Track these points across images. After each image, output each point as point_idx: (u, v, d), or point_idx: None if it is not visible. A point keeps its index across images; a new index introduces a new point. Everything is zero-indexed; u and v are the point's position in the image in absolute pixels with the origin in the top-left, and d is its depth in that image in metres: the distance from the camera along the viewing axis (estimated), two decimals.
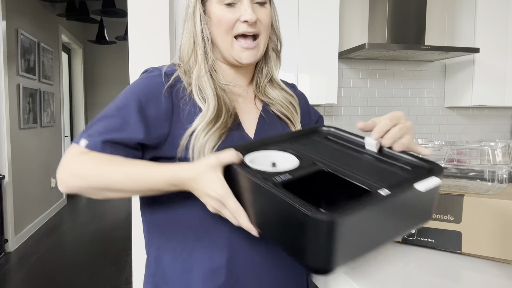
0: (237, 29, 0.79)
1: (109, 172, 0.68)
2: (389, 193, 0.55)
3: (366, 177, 0.60)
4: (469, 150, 1.02)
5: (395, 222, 0.59)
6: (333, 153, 0.71)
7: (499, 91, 3.13)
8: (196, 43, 0.81)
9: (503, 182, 0.96)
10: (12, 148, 3.64)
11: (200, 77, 0.80)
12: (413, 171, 0.63)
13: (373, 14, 2.95)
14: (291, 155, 0.70)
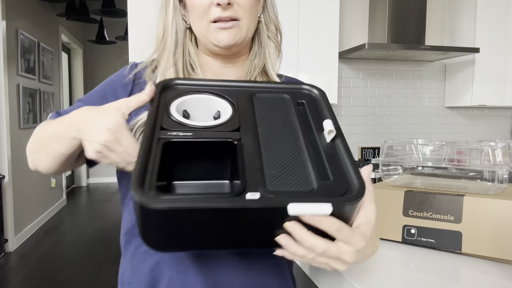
0: (212, 14, 0.72)
1: (41, 130, 0.69)
2: (251, 200, 0.44)
3: (268, 168, 0.49)
4: (469, 150, 1.02)
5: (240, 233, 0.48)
6: (279, 124, 0.57)
7: (499, 91, 3.13)
8: (165, 35, 0.76)
9: (503, 182, 0.96)
10: (12, 148, 3.64)
11: (165, 71, 0.73)
12: (329, 184, 0.49)
13: (373, 14, 2.95)
14: (228, 105, 0.59)
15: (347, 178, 0.50)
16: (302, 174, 0.50)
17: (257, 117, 0.58)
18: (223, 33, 0.72)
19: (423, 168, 1.10)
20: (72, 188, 6.42)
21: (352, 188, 0.48)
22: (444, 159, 1.03)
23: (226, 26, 0.72)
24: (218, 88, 0.61)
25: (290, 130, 0.57)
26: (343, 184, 0.49)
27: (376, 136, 3.24)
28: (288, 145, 0.54)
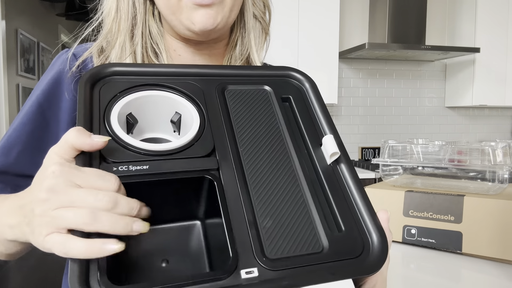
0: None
1: None
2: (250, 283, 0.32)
3: (262, 218, 0.36)
4: (470, 150, 1.02)
5: None
6: (265, 137, 0.42)
7: (500, 91, 3.13)
8: (119, 10, 0.55)
9: (504, 182, 0.96)
10: None
11: (121, 60, 0.54)
12: (341, 239, 0.37)
13: (374, 14, 2.95)
14: (197, 116, 0.41)
15: (363, 227, 0.38)
16: (305, 226, 0.37)
17: (235, 128, 0.41)
18: (200, 12, 0.52)
19: (423, 168, 1.10)
20: None
21: (370, 247, 0.37)
22: (444, 159, 1.03)
23: (204, 2, 0.51)
24: (175, 79, 0.43)
25: (279, 146, 0.41)
26: (359, 239, 0.37)
27: (376, 136, 3.24)
28: (281, 175, 0.39)
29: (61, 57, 0.56)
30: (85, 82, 0.39)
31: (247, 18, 0.61)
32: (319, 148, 0.43)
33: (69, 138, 0.33)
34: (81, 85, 0.39)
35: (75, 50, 0.56)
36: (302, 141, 0.44)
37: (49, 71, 0.56)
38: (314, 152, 0.42)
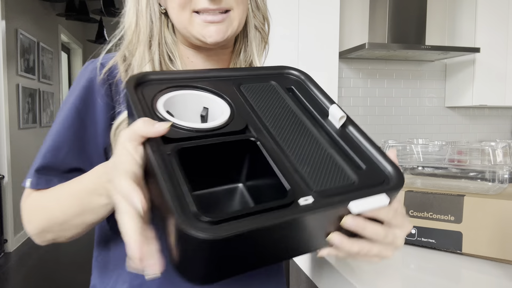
0: (197, 4, 0.59)
1: (43, 204, 0.58)
2: (309, 206, 0.40)
3: (301, 166, 0.45)
4: (470, 150, 1.02)
5: (299, 239, 0.43)
6: (282, 115, 0.52)
7: (500, 91, 3.13)
8: (138, 23, 0.62)
9: (504, 182, 0.96)
10: (11, 148, 3.64)
11: (141, 67, 0.61)
12: (366, 173, 0.46)
13: (374, 13, 2.95)
14: (225, 105, 0.51)
15: (378, 165, 0.48)
16: (335, 167, 0.46)
17: (258, 111, 0.51)
18: (210, 28, 0.59)
19: (423, 168, 1.10)
20: None
21: (389, 175, 0.46)
22: (444, 159, 1.03)
23: (215, 19, 0.59)
24: (198, 80, 0.53)
25: (296, 120, 0.52)
26: (378, 171, 0.47)
27: (376, 136, 3.24)
28: (304, 138, 0.49)
29: (89, 67, 0.63)
30: (132, 85, 0.48)
31: (249, 29, 0.68)
32: (327, 119, 0.53)
33: (138, 128, 0.40)
34: (129, 87, 0.47)
35: (102, 60, 0.63)
36: (311, 115, 0.54)
37: (80, 79, 0.63)
38: (324, 121, 0.52)
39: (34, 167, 0.61)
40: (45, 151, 0.61)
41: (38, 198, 0.59)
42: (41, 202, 0.58)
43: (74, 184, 0.54)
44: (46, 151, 0.61)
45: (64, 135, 0.61)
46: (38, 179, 0.60)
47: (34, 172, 0.61)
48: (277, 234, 0.40)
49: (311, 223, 0.41)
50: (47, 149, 0.61)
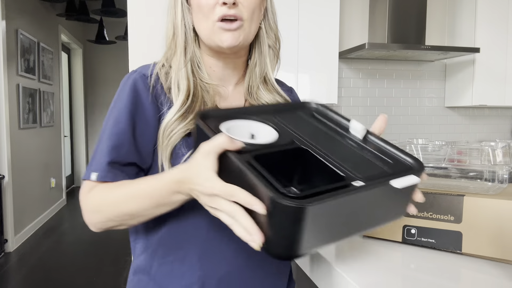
0: (217, 13, 0.73)
1: (116, 198, 0.67)
2: (362, 185, 0.53)
3: (344, 163, 0.58)
4: (470, 150, 1.02)
5: (364, 216, 0.56)
6: (315, 132, 0.67)
7: (500, 91, 3.13)
8: (175, 34, 0.77)
9: (504, 182, 0.96)
10: (11, 148, 3.64)
11: (178, 70, 0.75)
12: (394, 165, 0.60)
13: (373, 14, 2.95)
14: (270, 128, 0.66)
15: (401, 159, 0.62)
16: (368, 163, 0.60)
17: (295, 131, 0.66)
18: (227, 34, 0.74)
19: None
20: (72, 188, 6.42)
21: (412, 164, 0.61)
22: (444, 159, 1.03)
23: (230, 27, 0.74)
24: (245, 113, 0.70)
25: (326, 135, 0.67)
26: (403, 163, 0.61)
27: None
28: (337, 146, 0.64)
29: (131, 76, 0.76)
30: (199, 118, 0.64)
31: (263, 46, 0.83)
32: (349, 132, 0.68)
33: (223, 142, 0.54)
34: (198, 119, 0.63)
35: (144, 71, 0.76)
36: (336, 131, 0.69)
37: (124, 88, 0.75)
38: (347, 134, 0.68)
39: (100, 162, 0.71)
40: (108, 149, 0.71)
41: (106, 191, 0.68)
42: (111, 195, 0.67)
43: (153, 182, 0.64)
44: (110, 149, 0.71)
45: (123, 134, 0.72)
46: (106, 173, 0.70)
47: (103, 167, 0.70)
48: (342, 210, 0.52)
49: (365, 199, 0.54)
50: (110, 147, 0.71)
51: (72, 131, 6.41)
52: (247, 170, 0.51)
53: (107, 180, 0.70)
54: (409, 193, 0.60)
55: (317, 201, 0.47)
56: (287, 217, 0.47)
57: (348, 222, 0.54)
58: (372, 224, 0.59)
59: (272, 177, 0.51)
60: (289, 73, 2.73)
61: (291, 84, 1.11)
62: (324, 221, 0.50)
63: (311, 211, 0.47)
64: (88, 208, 0.69)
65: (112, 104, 0.75)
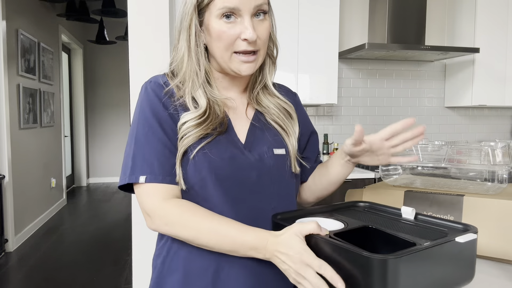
0: (238, 47, 0.78)
1: (196, 225, 0.74)
2: (433, 242, 0.62)
3: (408, 235, 0.68)
4: (469, 150, 1.02)
5: (440, 275, 0.64)
6: (375, 220, 0.79)
7: (499, 91, 3.13)
8: (190, 56, 0.81)
9: (503, 182, 0.96)
10: (12, 148, 3.64)
11: (194, 91, 0.82)
12: (450, 230, 0.71)
13: (373, 14, 2.95)
14: (337, 221, 0.78)
15: (454, 226, 0.74)
16: (428, 232, 0.72)
17: (358, 220, 0.79)
18: (245, 66, 0.80)
19: (423, 168, 1.10)
20: (72, 188, 6.42)
21: (465, 226, 0.72)
22: (444, 159, 1.03)
23: (249, 60, 0.79)
24: (313, 212, 0.85)
25: (385, 220, 0.80)
26: (456, 228, 0.72)
27: None
28: (397, 226, 0.77)
29: (150, 85, 0.83)
30: (276, 219, 0.79)
31: (265, 59, 0.87)
32: (402, 217, 0.81)
33: (313, 228, 0.67)
34: (275, 219, 0.78)
35: (159, 80, 0.84)
36: (390, 218, 0.81)
37: (145, 96, 0.82)
38: (400, 218, 0.80)
39: (149, 164, 0.78)
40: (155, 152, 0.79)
41: (186, 211, 0.75)
42: (192, 221, 0.74)
43: (240, 233, 0.72)
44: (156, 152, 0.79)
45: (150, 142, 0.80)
46: (163, 176, 0.77)
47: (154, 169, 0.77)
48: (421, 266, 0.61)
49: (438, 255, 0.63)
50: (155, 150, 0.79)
51: (72, 131, 6.41)
52: (337, 242, 0.63)
53: (165, 182, 0.77)
54: (473, 251, 0.69)
55: (399, 255, 0.57)
56: (378, 272, 0.57)
57: (426, 281, 0.62)
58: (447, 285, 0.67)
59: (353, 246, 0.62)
60: (289, 73, 2.73)
61: (291, 84, 1.12)
62: (409, 275, 0.59)
63: (394, 263, 0.56)
64: (162, 218, 0.76)
65: (138, 112, 0.83)
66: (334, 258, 0.63)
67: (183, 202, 0.76)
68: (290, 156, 0.87)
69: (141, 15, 2.11)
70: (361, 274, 0.59)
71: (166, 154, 0.78)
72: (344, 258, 0.61)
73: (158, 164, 0.77)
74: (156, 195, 0.76)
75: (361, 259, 0.58)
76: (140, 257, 1.91)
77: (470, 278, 0.70)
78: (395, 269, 0.56)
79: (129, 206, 5.09)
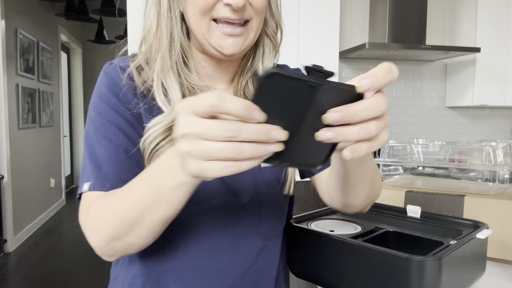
0: (218, 13, 0.58)
1: (113, 206, 0.53)
2: (460, 242, 0.63)
3: (428, 234, 0.68)
4: (470, 150, 1.01)
5: (465, 271, 0.65)
6: (382, 219, 0.80)
7: (500, 91, 3.12)
8: (159, 25, 0.61)
9: (504, 182, 0.96)
10: (11, 148, 3.63)
11: (164, 72, 0.61)
12: (463, 229, 0.72)
13: (374, 13, 2.94)
14: (353, 224, 0.79)
15: (460, 221, 0.77)
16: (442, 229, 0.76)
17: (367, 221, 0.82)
18: (229, 40, 0.59)
19: (423, 168, 1.10)
20: (71, 188, 6.42)
21: (474, 222, 0.75)
22: (445, 159, 1.03)
23: (234, 32, 0.58)
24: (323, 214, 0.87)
25: (397, 220, 0.82)
26: (463, 223, 0.76)
27: None
28: (413, 225, 0.78)
29: (109, 68, 0.66)
30: (295, 221, 0.79)
31: (261, 35, 0.66)
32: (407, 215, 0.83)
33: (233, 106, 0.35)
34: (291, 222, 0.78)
35: (120, 64, 0.66)
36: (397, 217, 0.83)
37: (103, 80, 0.65)
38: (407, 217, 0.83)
39: (93, 172, 0.58)
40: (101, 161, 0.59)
41: (102, 202, 0.55)
42: (107, 205, 0.54)
43: (139, 176, 0.50)
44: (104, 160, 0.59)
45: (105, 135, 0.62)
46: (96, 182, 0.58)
47: (93, 176, 0.58)
48: (453, 265, 0.60)
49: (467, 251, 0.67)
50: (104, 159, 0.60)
51: (71, 131, 6.41)
52: (371, 245, 0.64)
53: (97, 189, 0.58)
54: (485, 246, 0.72)
55: (439, 256, 0.57)
56: (416, 274, 0.57)
57: (455, 279, 0.62)
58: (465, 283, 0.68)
59: None
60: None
61: None
62: (447, 274, 0.59)
63: (434, 264, 0.56)
64: (89, 230, 0.56)
65: (94, 100, 0.64)
66: (367, 261, 0.62)
67: (100, 198, 0.56)
68: (285, 170, 0.69)
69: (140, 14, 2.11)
70: (399, 276, 0.58)
71: (120, 157, 0.59)
72: (380, 261, 0.60)
73: (109, 169, 0.58)
74: (81, 208, 0.57)
75: (400, 261, 0.57)
76: None
77: (483, 271, 0.71)
78: (434, 270, 0.56)
79: None
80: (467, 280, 0.67)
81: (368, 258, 0.61)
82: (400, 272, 0.57)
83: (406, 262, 0.57)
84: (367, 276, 0.62)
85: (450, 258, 0.59)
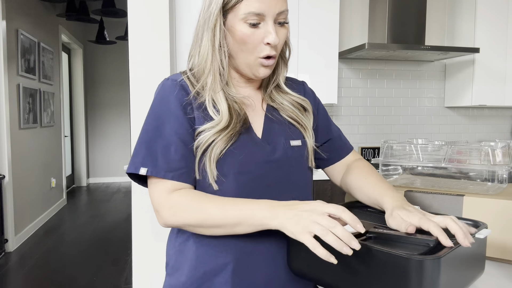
0: (261, 52, 0.80)
1: (202, 207, 0.74)
2: (457, 242, 0.63)
3: (428, 233, 0.66)
4: (469, 150, 1.02)
5: (464, 271, 0.66)
6: (379, 218, 0.79)
7: (499, 91, 3.13)
8: (214, 57, 0.82)
9: (503, 182, 0.96)
10: (12, 148, 3.64)
11: (215, 92, 0.82)
12: None
13: (373, 14, 2.95)
14: None
15: None
16: None
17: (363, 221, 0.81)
18: (264, 69, 0.83)
19: (423, 168, 1.10)
20: (72, 188, 6.42)
21: (476, 222, 0.75)
22: (444, 159, 1.03)
23: (269, 64, 0.82)
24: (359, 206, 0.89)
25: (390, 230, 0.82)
26: None
27: (376, 136, 3.24)
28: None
29: (167, 82, 0.85)
30: None
31: (278, 60, 0.89)
32: None
33: (351, 216, 0.65)
34: None
35: (177, 78, 0.84)
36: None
37: (161, 92, 0.84)
38: None
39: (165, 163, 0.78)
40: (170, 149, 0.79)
41: (190, 196, 0.76)
42: (197, 203, 0.75)
43: (244, 205, 0.71)
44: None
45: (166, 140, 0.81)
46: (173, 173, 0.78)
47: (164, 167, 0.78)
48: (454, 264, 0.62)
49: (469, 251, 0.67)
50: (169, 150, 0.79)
51: (72, 131, 6.41)
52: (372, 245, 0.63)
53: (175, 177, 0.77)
54: (484, 246, 0.73)
55: (437, 256, 0.58)
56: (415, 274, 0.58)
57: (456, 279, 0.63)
58: (467, 281, 0.68)
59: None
60: (289, 73, 2.73)
61: None
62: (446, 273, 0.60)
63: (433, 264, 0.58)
64: (170, 209, 0.76)
65: (154, 107, 0.83)
66: (367, 261, 0.62)
67: (189, 191, 0.77)
68: (307, 148, 0.89)
69: (141, 15, 2.11)
70: (399, 276, 0.59)
71: (172, 151, 0.78)
72: (381, 261, 0.61)
73: (162, 159, 0.77)
74: (162, 190, 0.77)
75: (399, 261, 0.58)
76: (140, 257, 1.91)
77: (482, 270, 0.71)
78: (433, 270, 0.57)
79: (129, 206, 5.09)
80: (466, 279, 0.67)
81: (368, 257, 0.62)
82: (399, 271, 0.58)
83: (406, 261, 0.57)
84: (367, 276, 0.62)
85: (449, 258, 0.59)
